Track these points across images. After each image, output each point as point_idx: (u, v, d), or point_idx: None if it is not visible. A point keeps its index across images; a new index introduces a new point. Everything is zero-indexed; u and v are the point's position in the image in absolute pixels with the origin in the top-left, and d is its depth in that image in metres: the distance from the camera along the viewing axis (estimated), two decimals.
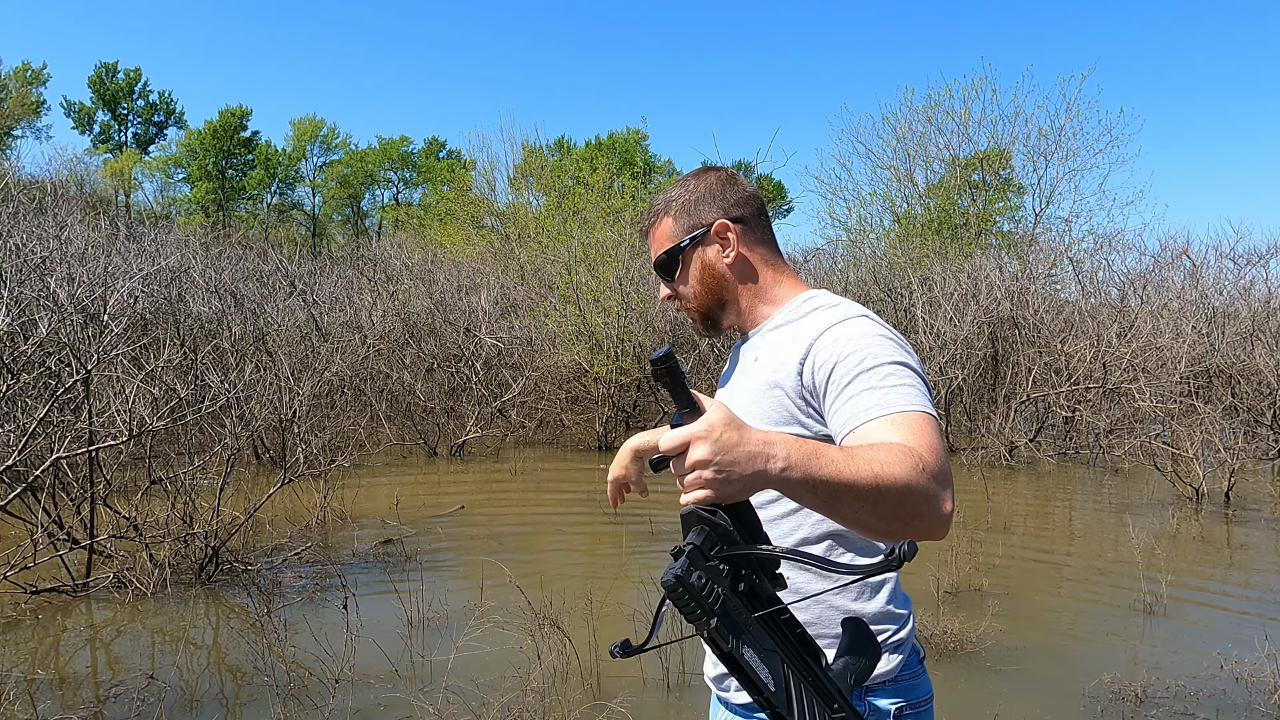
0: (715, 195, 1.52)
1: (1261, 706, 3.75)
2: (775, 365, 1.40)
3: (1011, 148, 17.64)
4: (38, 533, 5.15)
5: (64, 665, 4.26)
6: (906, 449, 1.12)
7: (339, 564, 5.85)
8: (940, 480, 1.12)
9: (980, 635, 4.45)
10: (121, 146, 47.84)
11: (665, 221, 1.54)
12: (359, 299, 14.43)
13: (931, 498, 1.10)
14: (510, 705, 3.60)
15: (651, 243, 1.57)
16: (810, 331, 1.37)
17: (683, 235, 1.52)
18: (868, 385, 1.25)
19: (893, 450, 1.11)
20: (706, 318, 1.55)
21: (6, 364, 6.45)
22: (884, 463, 1.08)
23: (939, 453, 1.16)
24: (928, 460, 1.12)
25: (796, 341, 1.39)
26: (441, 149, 51.92)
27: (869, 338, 1.31)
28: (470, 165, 26.26)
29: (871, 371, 1.26)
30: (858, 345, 1.30)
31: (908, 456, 1.10)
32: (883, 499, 1.07)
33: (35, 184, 22.08)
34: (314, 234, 47.45)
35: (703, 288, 1.53)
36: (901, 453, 1.11)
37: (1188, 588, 5.51)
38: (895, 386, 1.24)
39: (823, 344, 1.33)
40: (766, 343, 1.48)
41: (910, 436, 1.16)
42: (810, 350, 1.35)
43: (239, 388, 7.05)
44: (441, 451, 10.54)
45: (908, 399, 1.23)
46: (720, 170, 1.57)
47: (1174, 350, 11.14)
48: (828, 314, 1.40)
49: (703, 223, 1.51)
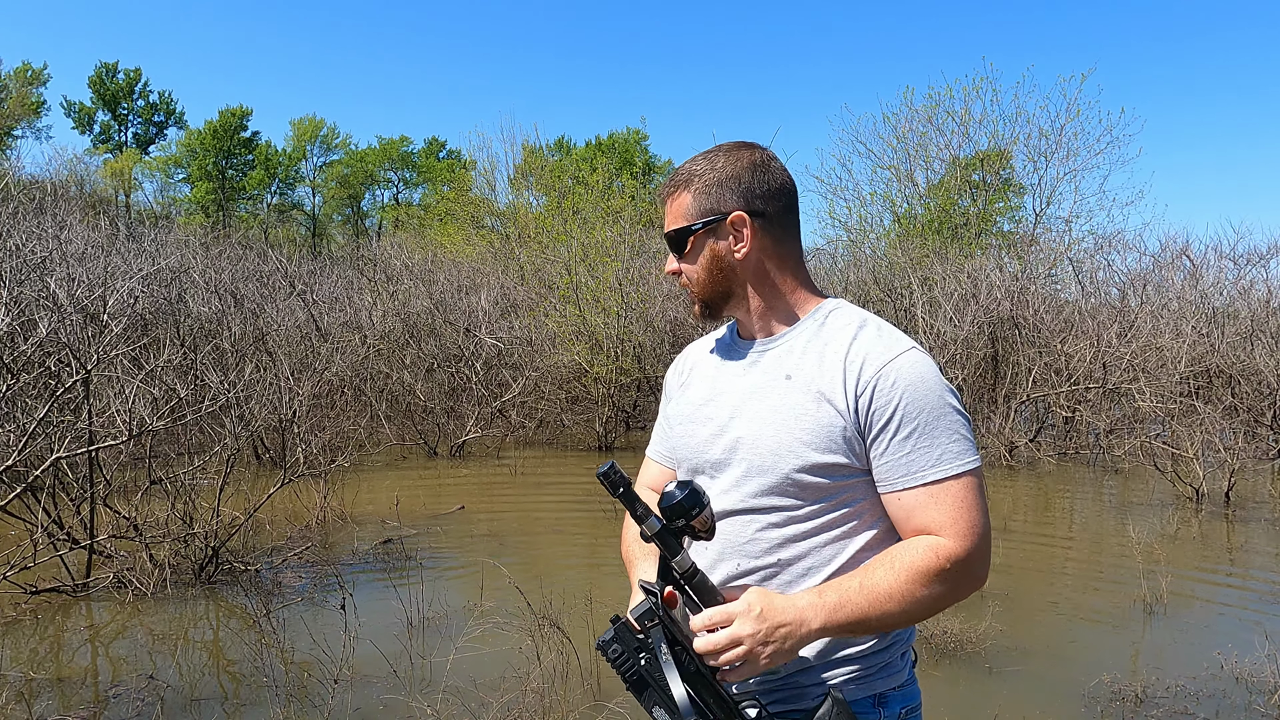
0: (741, 181, 1.40)
1: (1261, 706, 3.75)
2: (818, 387, 1.34)
3: (1012, 148, 17.62)
4: (38, 533, 5.15)
5: (64, 665, 4.26)
6: (934, 554, 1.26)
7: (338, 564, 5.85)
8: (970, 566, 1.27)
9: (980, 635, 4.45)
10: (121, 146, 47.84)
11: (684, 196, 1.43)
12: (359, 299, 14.42)
13: (959, 592, 1.29)
14: (510, 705, 3.60)
15: (667, 211, 1.47)
16: (859, 359, 1.32)
17: (697, 217, 1.41)
18: (921, 442, 1.29)
19: (919, 562, 1.27)
20: (708, 306, 1.46)
21: (6, 364, 6.45)
22: (907, 588, 1.26)
23: (975, 526, 1.28)
24: (956, 553, 1.26)
25: (842, 367, 1.33)
26: (441, 149, 51.94)
27: (928, 383, 1.31)
28: (470, 165, 26.28)
29: (927, 426, 1.29)
30: (916, 393, 1.30)
31: (933, 568, 1.26)
32: (914, 616, 1.29)
33: (35, 184, 22.07)
34: (314, 234, 47.46)
35: (709, 277, 1.43)
36: (926, 565, 1.26)
37: (1188, 588, 5.51)
38: (948, 443, 1.29)
39: (881, 382, 1.30)
40: (795, 358, 1.39)
41: (949, 514, 1.28)
42: (862, 384, 1.31)
43: (239, 388, 7.05)
44: (441, 451, 10.54)
45: (956, 459, 1.29)
46: (755, 151, 1.44)
47: (1174, 350, 11.14)
48: (877, 340, 1.34)
49: (720, 209, 1.40)
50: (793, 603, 1.27)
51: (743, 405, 1.41)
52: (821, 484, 1.32)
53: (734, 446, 1.40)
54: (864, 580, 1.27)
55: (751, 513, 1.37)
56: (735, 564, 1.38)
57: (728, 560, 1.39)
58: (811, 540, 1.34)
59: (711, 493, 1.39)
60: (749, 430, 1.38)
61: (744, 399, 1.42)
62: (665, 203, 1.48)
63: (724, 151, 1.44)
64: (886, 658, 1.38)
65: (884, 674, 1.38)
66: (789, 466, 1.32)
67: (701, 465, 1.46)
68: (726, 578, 1.38)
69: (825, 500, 1.33)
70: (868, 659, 1.36)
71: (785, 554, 1.35)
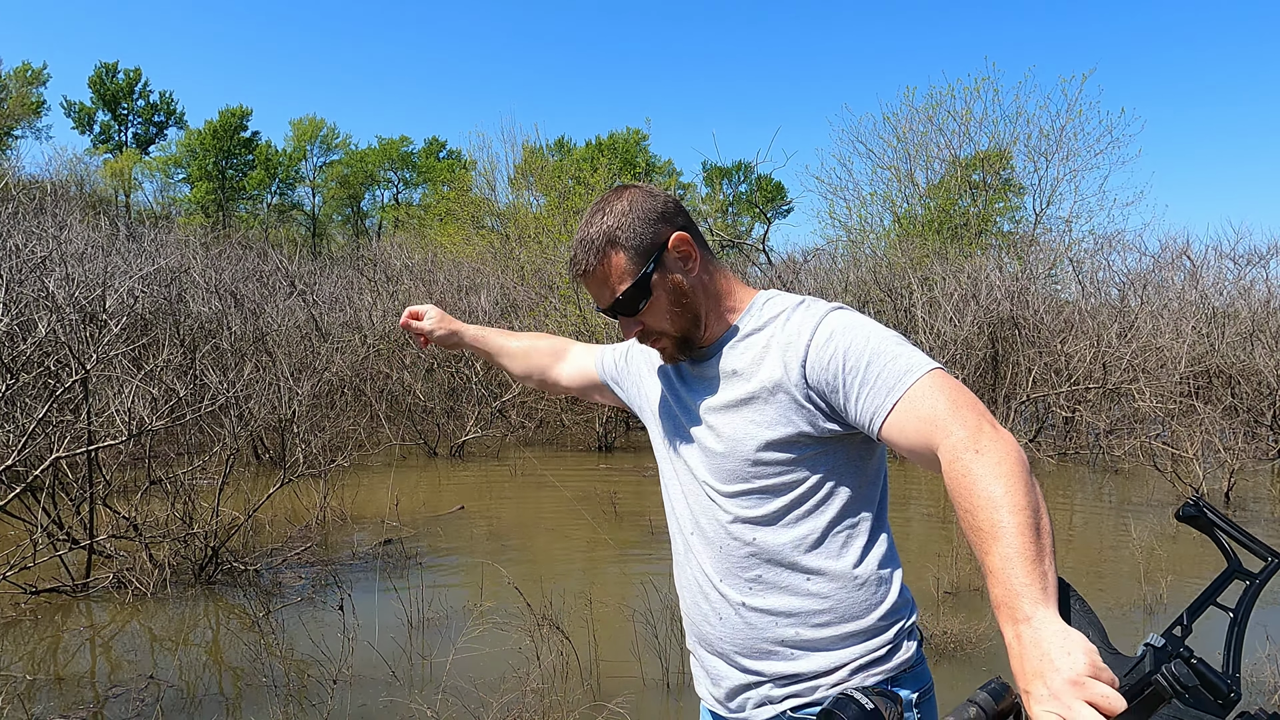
0: (653, 210, 1.41)
1: (1261, 706, 3.75)
2: (768, 371, 1.36)
3: (1012, 148, 17.63)
4: (37, 533, 5.15)
5: (64, 665, 4.26)
6: (957, 458, 1.14)
7: (337, 564, 5.85)
8: (987, 434, 1.16)
9: (980, 635, 4.45)
10: (121, 146, 47.84)
11: (615, 256, 1.39)
12: (359, 299, 14.43)
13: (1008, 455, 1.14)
14: (510, 706, 3.60)
15: (601, 284, 1.41)
16: (798, 333, 1.35)
17: (643, 262, 1.38)
18: (875, 371, 1.27)
19: (971, 479, 1.12)
20: (684, 342, 1.45)
21: (6, 364, 6.44)
22: (998, 498, 1.09)
23: (963, 401, 1.20)
24: (966, 437, 1.15)
25: (787, 346, 1.35)
26: (441, 149, 51.95)
27: (857, 325, 1.33)
28: (470, 165, 26.29)
29: (875, 354, 1.28)
30: (849, 335, 1.31)
31: (974, 464, 1.13)
32: (1037, 502, 1.11)
33: (35, 184, 22.09)
34: (314, 234, 47.44)
35: (679, 311, 1.41)
36: (975, 468, 1.12)
37: (1188, 588, 5.51)
38: (904, 358, 1.27)
39: (819, 341, 1.32)
40: (739, 353, 1.41)
41: (931, 410, 1.20)
42: (801, 355, 1.33)
43: (238, 388, 7.05)
44: (441, 451, 10.53)
45: (913, 370, 1.25)
46: (633, 187, 1.45)
47: (1174, 350, 11.14)
48: (808, 312, 1.38)
49: (658, 242, 1.39)
50: (1034, 639, 0.98)
51: (697, 404, 1.46)
52: (781, 458, 1.36)
53: (693, 444, 1.47)
54: (984, 541, 1.08)
55: (723, 498, 1.41)
56: (718, 548, 1.43)
57: (708, 548, 1.45)
58: (785, 517, 1.37)
59: (679, 489, 1.51)
60: (705, 426, 1.44)
61: (697, 398, 1.47)
62: (589, 279, 1.42)
63: (610, 202, 1.42)
64: (884, 640, 1.37)
65: (891, 655, 1.37)
66: (746, 449, 1.37)
67: (668, 461, 1.55)
68: (712, 565, 1.44)
69: (789, 474, 1.36)
70: (865, 643, 1.36)
71: (760, 534, 1.38)
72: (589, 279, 1.43)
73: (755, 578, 1.39)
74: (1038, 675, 0.94)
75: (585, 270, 1.42)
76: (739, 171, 45.31)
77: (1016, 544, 1.04)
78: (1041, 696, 0.93)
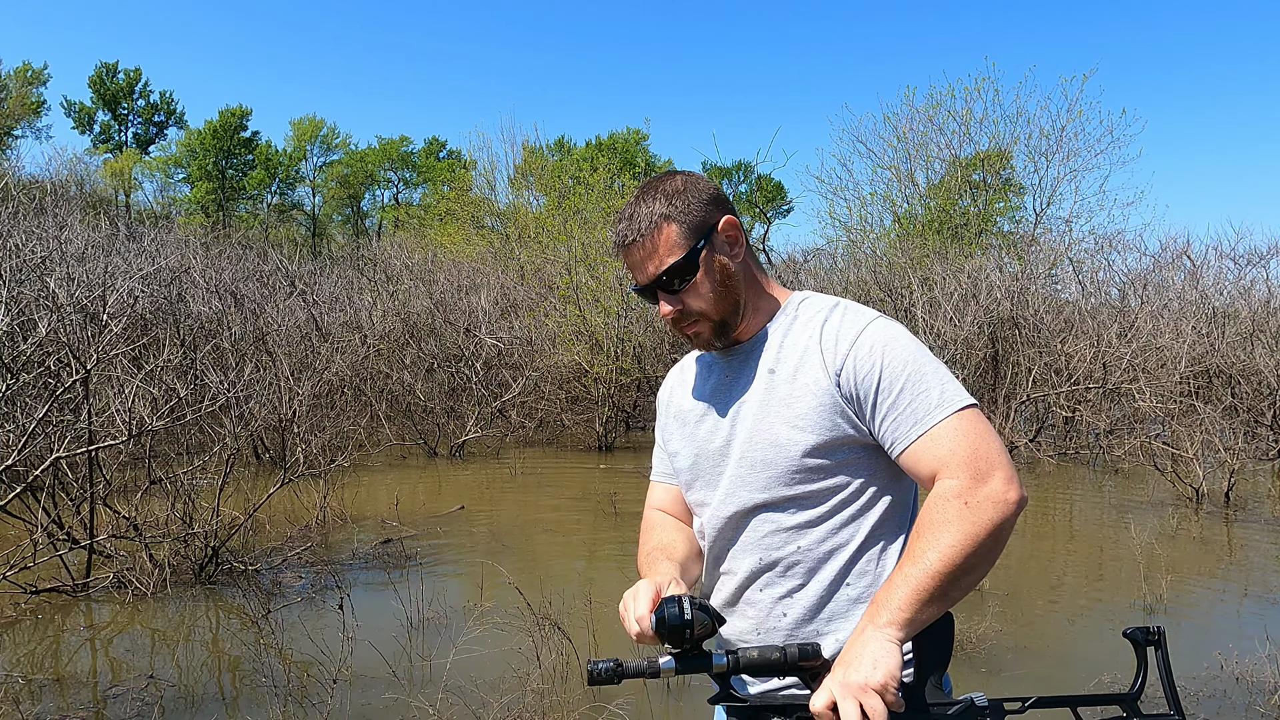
0: (707, 193, 1.43)
1: (1261, 706, 3.75)
2: (801, 375, 1.36)
3: (1013, 148, 17.64)
4: (37, 533, 5.15)
5: (64, 665, 4.26)
6: (943, 497, 1.22)
7: (337, 564, 5.85)
8: (987, 490, 1.21)
9: (980, 635, 4.45)
10: (121, 146, 47.83)
11: (668, 229, 1.38)
12: (359, 299, 14.43)
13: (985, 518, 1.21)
14: (510, 706, 3.60)
15: (649, 255, 1.40)
16: (839, 338, 1.35)
17: (694, 239, 1.39)
18: (909, 395, 1.29)
19: (934, 514, 1.21)
20: (722, 326, 1.42)
21: (6, 364, 6.44)
22: (943, 544, 1.19)
23: (976, 451, 1.24)
24: (963, 484, 1.21)
25: (827, 350, 1.35)
26: (441, 149, 51.92)
27: (900, 341, 1.33)
28: (470, 165, 26.28)
29: (912, 378, 1.29)
30: (892, 352, 1.31)
31: (949, 511, 1.20)
32: (968, 563, 1.19)
33: (35, 184, 22.10)
34: (314, 234, 47.43)
35: (723, 292, 1.41)
36: (943, 512, 1.21)
37: (1188, 588, 5.51)
38: (940, 388, 1.28)
39: (859, 352, 1.32)
40: (775, 352, 1.42)
41: (947, 450, 1.25)
42: (841, 360, 1.33)
43: (239, 388, 7.05)
44: (441, 451, 10.54)
45: (948, 402, 1.28)
46: (685, 172, 1.47)
47: (1174, 350, 11.14)
48: (848, 317, 1.37)
49: (710, 221, 1.40)
50: (865, 640, 1.20)
51: (734, 407, 1.44)
52: (824, 464, 1.35)
53: (731, 448, 1.43)
54: (905, 560, 1.23)
55: (763, 508, 1.39)
56: (757, 559, 1.40)
57: (749, 555, 1.41)
58: (827, 523, 1.36)
59: (717, 498, 1.43)
60: (744, 429, 1.41)
61: (734, 401, 1.44)
62: (636, 249, 1.40)
63: (665, 181, 1.43)
64: None
65: None
66: (788, 455, 1.35)
67: (702, 473, 1.49)
68: (750, 573, 1.41)
69: (831, 479, 1.35)
70: None
71: (803, 540, 1.37)
72: (636, 249, 1.41)
73: (796, 586, 1.38)
74: (845, 664, 1.16)
75: (635, 240, 1.40)
76: (739, 171, 45.25)
77: (921, 580, 1.19)
78: (835, 678, 1.15)
